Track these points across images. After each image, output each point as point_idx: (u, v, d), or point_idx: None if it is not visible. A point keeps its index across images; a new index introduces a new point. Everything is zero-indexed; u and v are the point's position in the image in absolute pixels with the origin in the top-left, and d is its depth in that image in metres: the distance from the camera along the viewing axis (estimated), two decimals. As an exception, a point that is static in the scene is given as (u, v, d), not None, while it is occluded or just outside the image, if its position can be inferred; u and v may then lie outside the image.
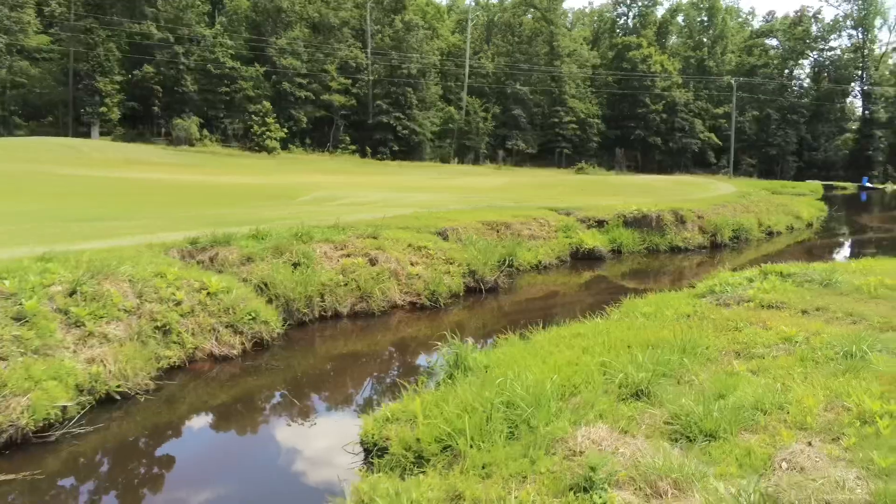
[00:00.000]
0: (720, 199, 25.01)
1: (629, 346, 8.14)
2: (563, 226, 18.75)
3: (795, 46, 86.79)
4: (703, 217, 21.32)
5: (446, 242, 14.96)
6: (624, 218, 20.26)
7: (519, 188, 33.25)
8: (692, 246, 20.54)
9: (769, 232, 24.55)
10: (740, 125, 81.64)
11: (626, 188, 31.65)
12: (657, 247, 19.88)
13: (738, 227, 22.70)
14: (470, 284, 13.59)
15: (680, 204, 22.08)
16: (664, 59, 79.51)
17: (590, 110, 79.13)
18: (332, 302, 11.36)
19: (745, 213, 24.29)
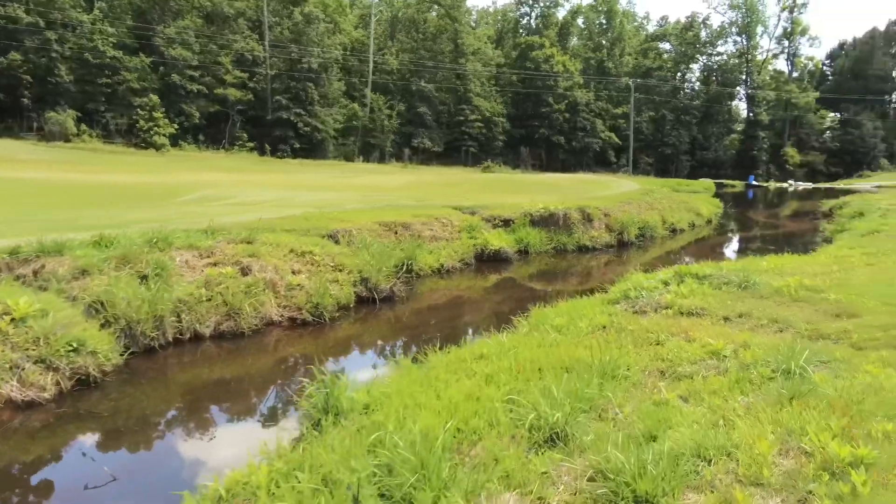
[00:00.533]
0: (625, 197, 24.71)
1: (540, 369, 6.84)
2: (467, 226, 17.49)
3: (687, 51, 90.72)
4: (610, 215, 20.77)
5: (337, 246, 13.28)
6: (531, 217, 19.28)
7: (424, 186, 31.87)
8: (600, 245, 19.89)
9: (673, 229, 24.51)
10: (638, 125, 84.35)
11: (533, 186, 30.99)
12: (565, 246, 19.06)
13: (644, 224, 22.38)
14: (362, 294, 11.98)
15: (586, 202, 21.43)
16: (566, 60, 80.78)
17: (495, 109, 79.14)
18: (191, 321, 9.44)
19: (649, 210, 24.08)
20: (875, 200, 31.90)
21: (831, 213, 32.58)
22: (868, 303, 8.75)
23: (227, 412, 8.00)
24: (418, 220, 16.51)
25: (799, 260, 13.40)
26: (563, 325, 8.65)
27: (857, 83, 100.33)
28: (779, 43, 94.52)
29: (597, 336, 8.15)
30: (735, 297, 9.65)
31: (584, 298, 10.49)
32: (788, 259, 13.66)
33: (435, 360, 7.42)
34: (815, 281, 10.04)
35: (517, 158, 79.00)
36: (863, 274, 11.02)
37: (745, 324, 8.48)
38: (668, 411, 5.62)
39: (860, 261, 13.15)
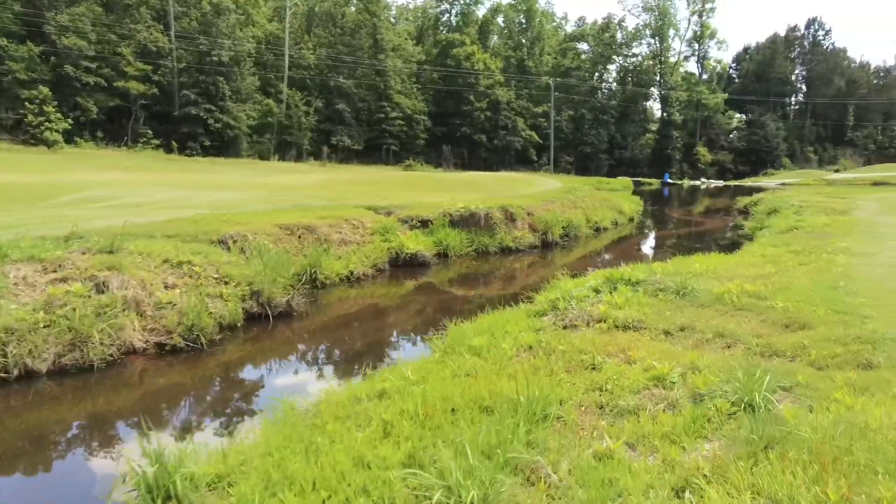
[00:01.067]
0: (548, 195, 23.86)
1: (454, 409, 5.45)
2: (381, 228, 15.95)
3: (604, 51, 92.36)
4: (533, 214, 19.77)
5: (226, 254, 11.47)
6: (450, 217, 17.98)
7: (340, 185, 30.07)
8: (523, 246, 18.84)
9: (597, 228, 23.87)
10: (558, 124, 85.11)
11: (455, 184, 29.78)
12: (487, 248, 17.87)
13: (568, 223, 21.56)
14: (253, 310, 10.25)
15: (509, 200, 20.34)
16: (486, 58, 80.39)
17: (416, 107, 77.76)
18: (21, 354, 7.48)
19: (573, 209, 23.33)
20: (786, 198, 32.60)
21: (747, 210, 33.09)
22: (817, 310, 7.89)
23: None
24: (325, 222, 14.83)
25: (730, 260, 12.69)
26: (482, 346, 7.30)
27: (760, 86, 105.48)
28: (689, 46, 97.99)
29: (522, 360, 6.85)
30: (674, 306, 8.62)
31: (508, 310, 9.22)
32: (719, 259, 12.94)
33: (323, 403, 5.89)
34: (756, 286, 9.16)
35: (439, 157, 77.97)
36: (801, 276, 10.30)
37: (688, 338, 7.41)
38: (615, 469, 4.35)
39: (791, 260, 12.57)
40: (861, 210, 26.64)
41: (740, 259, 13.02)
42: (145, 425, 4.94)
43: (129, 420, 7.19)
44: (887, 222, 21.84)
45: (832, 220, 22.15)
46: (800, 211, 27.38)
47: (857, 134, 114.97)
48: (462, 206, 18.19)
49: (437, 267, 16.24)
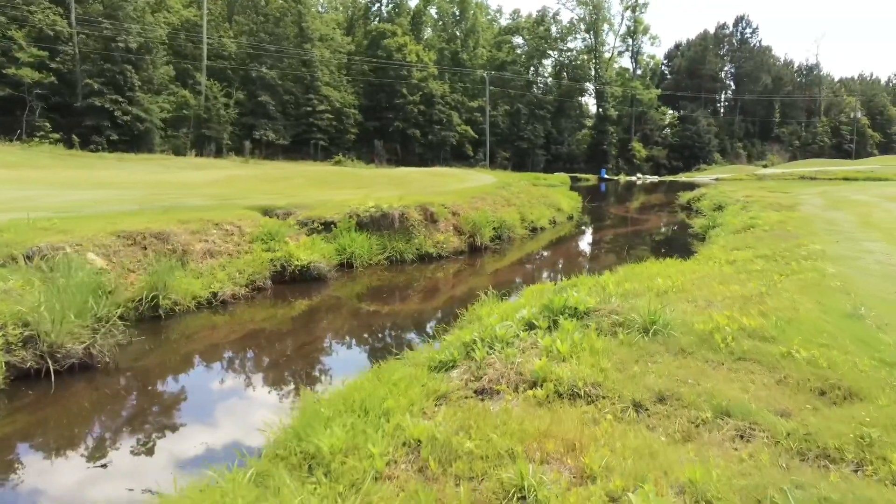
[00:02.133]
0: (479, 191, 21.04)
1: None
2: (264, 233, 12.64)
3: (539, 45, 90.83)
4: (460, 214, 16.88)
5: (9, 280, 8.01)
6: (358, 218, 14.86)
7: (246, 182, 26.45)
8: (447, 251, 15.91)
9: (533, 228, 21.22)
10: (494, 119, 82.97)
11: (377, 180, 26.63)
12: (402, 255, 14.83)
13: (501, 224, 18.78)
14: (26, 365, 6.87)
15: (431, 198, 17.37)
16: (419, 50, 77.36)
17: (346, 100, 73.97)
18: None
19: (506, 207, 20.60)
20: (728, 193, 30.95)
21: (689, 206, 31.31)
22: (856, 361, 5.23)
23: None
24: (186, 228, 11.42)
25: (696, 270, 10.09)
26: (337, 449, 4.25)
27: (692, 82, 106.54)
28: (623, 41, 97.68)
29: (397, 481, 3.88)
30: (642, 352, 5.81)
31: (400, 363, 6.21)
32: (682, 269, 10.34)
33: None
34: (751, 317, 6.46)
35: (371, 153, 74.48)
36: (799, 296, 7.71)
37: (673, 418, 4.59)
38: None
39: (769, 269, 10.09)
40: (808, 205, 25.02)
41: (707, 269, 10.44)
42: None
43: None
44: (842, 218, 20.06)
45: (785, 216, 20.21)
46: (747, 207, 25.56)
47: (783, 130, 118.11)
48: (373, 205, 15.09)
49: (337, 281, 13.05)
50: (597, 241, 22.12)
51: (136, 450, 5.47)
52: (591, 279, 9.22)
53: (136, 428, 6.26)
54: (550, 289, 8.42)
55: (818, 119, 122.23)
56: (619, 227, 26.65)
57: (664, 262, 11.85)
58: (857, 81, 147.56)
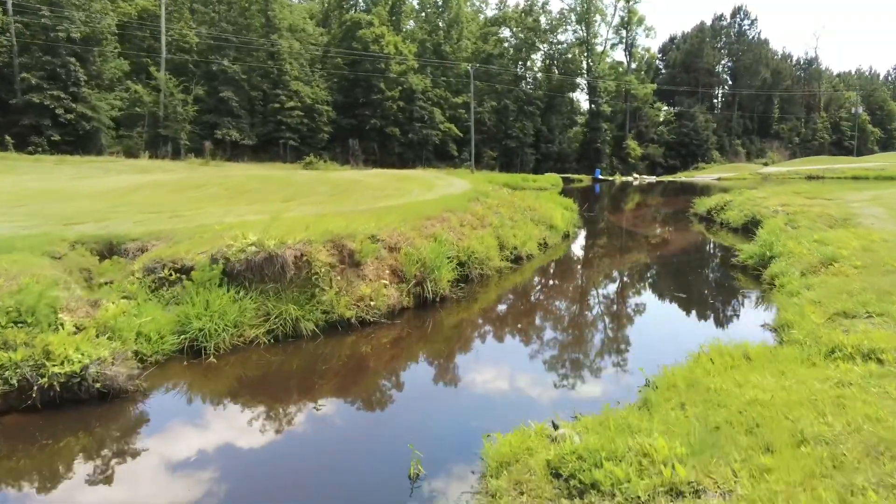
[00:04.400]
0: (441, 206, 15.26)
1: None
2: (16, 305, 6.79)
3: (527, 38, 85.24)
4: (400, 248, 11.09)
5: None
6: (227, 263, 9.07)
7: (151, 191, 20.56)
8: (377, 311, 10.01)
9: (517, 257, 15.48)
10: (480, 116, 77.25)
11: (316, 188, 20.81)
12: (298, 325, 9.05)
13: (469, 256, 13.04)
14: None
15: (364, 223, 11.58)
16: (398, 41, 71.46)
17: (318, 95, 67.94)
18: None
19: (478, 228, 14.84)
20: (756, 200, 25.32)
21: (710, 216, 25.65)
22: None
23: None
24: None
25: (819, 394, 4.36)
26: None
27: (688, 76, 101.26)
28: (616, 33, 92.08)
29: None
30: None
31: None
32: (804, 384, 4.63)
33: None
34: None
35: (347, 153, 68.59)
36: None
37: None
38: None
39: None
40: (872, 218, 19.45)
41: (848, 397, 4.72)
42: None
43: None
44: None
45: (864, 240, 14.60)
46: (793, 221, 19.93)
47: (782, 127, 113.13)
48: (252, 240, 9.29)
49: (163, 394, 7.23)
50: (604, 278, 16.28)
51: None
52: (631, 414, 3.48)
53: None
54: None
55: (818, 115, 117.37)
56: (630, 251, 20.78)
57: (740, 361, 6.19)
58: (856, 76, 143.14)
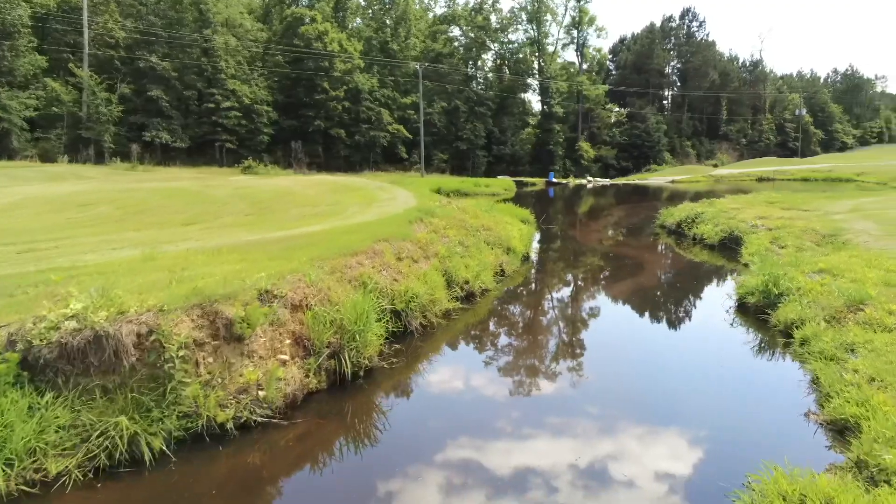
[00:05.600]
0: (373, 234, 12.25)
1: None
2: None
3: (478, 36, 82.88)
4: (309, 304, 8.07)
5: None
6: (29, 349, 5.90)
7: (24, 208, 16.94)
8: (266, 409, 6.97)
9: (468, 293, 12.64)
10: (430, 117, 74.39)
11: (235, 205, 17.50)
12: (135, 440, 6.01)
13: (408, 303, 10.10)
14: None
15: (266, 266, 8.53)
16: (343, 38, 67.90)
17: (257, 95, 63.87)
18: None
19: (421, 260, 11.92)
20: (731, 211, 23.18)
21: (680, 229, 23.36)
22: None
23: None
24: None
25: None
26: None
27: (639, 77, 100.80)
28: (567, 33, 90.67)
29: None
30: None
31: None
32: None
33: None
34: None
35: (289, 156, 64.71)
36: None
37: None
38: None
39: None
40: (864, 234, 17.38)
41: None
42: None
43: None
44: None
45: (878, 268, 12.34)
46: (778, 239, 17.70)
47: (731, 128, 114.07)
48: (71, 313, 6.15)
49: None
50: (573, 321, 13.56)
51: None
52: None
53: None
54: None
55: (764, 117, 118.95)
56: (599, 279, 18.15)
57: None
58: (797, 79, 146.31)
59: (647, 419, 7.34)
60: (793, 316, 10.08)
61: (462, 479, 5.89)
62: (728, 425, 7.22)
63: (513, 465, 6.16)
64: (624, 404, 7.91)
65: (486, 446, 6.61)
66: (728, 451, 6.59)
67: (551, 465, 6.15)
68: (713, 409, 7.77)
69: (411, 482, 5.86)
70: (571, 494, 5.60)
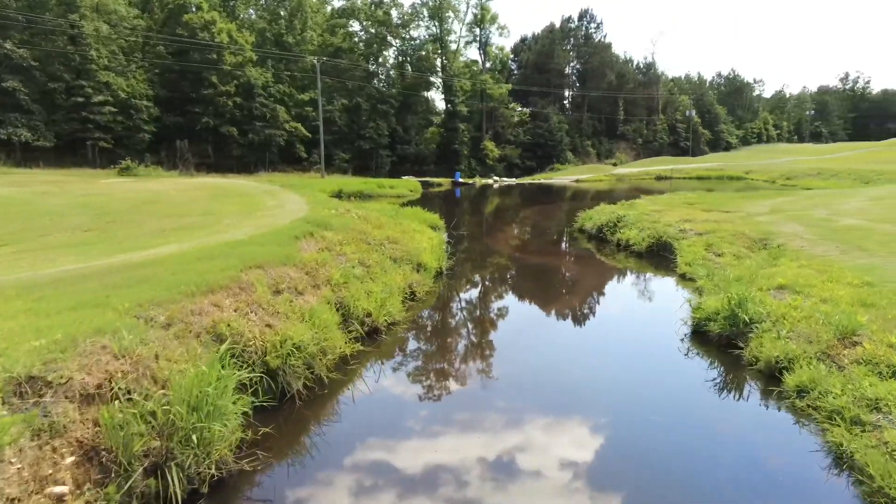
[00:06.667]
0: (245, 255, 9.33)
1: None
2: None
3: (378, 32, 79.95)
4: (116, 387, 5.27)
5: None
6: None
7: None
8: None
9: (372, 329, 9.98)
10: (330, 115, 70.67)
11: (72, 219, 13.90)
12: None
13: (286, 359, 7.35)
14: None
15: (57, 319, 5.55)
16: (232, 29, 62.96)
17: (136, 89, 57.89)
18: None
19: (308, 291, 9.14)
20: (653, 214, 21.77)
21: (602, 234, 21.68)
22: None
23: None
24: None
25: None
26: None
27: (540, 77, 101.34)
28: (470, 30, 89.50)
29: None
30: None
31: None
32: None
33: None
34: None
35: (174, 155, 59.15)
36: None
37: None
38: None
39: None
40: (798, 239, 16.22)
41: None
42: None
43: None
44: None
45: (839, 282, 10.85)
46: (712, 246, 16.19)
47: (628, 128, 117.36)
48: None
49: None
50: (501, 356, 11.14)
51: None
52: None
53: None
54: None
55: (657, 117, 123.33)
56: (527, 295, 15.96)
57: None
58: (685, 81, 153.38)
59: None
60: (775, 352, 8.12)
61: None
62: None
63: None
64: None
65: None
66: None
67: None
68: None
69: None
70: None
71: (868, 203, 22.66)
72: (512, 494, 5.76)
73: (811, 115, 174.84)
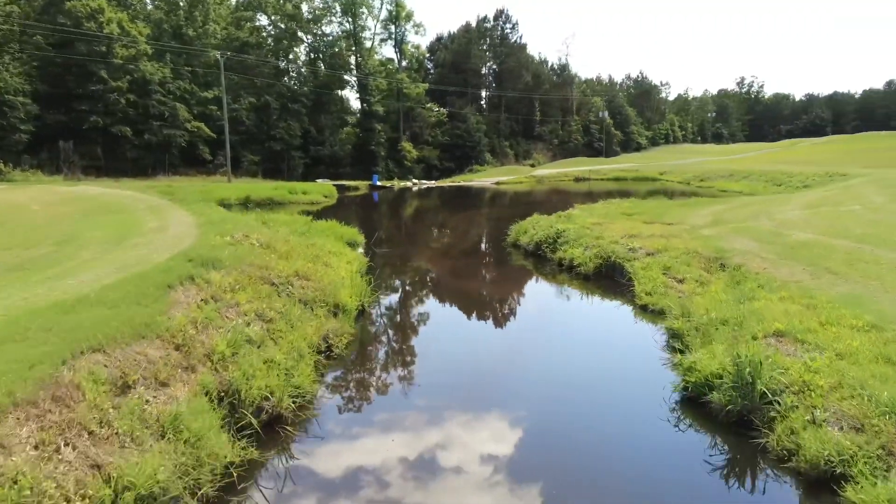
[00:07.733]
0: (82, 326, 6.53)
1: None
2: None
3: (288, 27, 75.74)
4: None
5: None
6: None
7: None
8: None
9: (273, 418, 7.33)
10: (237, 114, 66.03)
11: None
12: None
13: (148, 493, 4.68)
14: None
15: None
16: (124, 19, 57.33)
17: (10, 84, 51.39)
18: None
19: (172, 380, 6.44)
20: (594, 227, 19.99)
21: (540, 250, 19.68)
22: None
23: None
24: None
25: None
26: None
27: (457, 76, 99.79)
28: (385, 28, 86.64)
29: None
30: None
31: None
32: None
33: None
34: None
35: (58, 158, 53.13)
36: None
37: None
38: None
39: None
40: (756, 258, 14.76)
41: None
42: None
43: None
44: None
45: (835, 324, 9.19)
46: (669, 269, 14.45)
47: (544, 129, 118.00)
48: None
49: None
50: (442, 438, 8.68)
51: None
52: None
53: None
54: None
55: (572, 118, 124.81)
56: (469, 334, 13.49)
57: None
58: (597, 83, 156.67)
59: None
60: (824, 449, 6.11)
61: None
62: None
63: None
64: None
65: None
66: None
67: None
68: None
69: None
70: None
71: (807, 213, 21.87)
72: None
73: (712, 116, 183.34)
